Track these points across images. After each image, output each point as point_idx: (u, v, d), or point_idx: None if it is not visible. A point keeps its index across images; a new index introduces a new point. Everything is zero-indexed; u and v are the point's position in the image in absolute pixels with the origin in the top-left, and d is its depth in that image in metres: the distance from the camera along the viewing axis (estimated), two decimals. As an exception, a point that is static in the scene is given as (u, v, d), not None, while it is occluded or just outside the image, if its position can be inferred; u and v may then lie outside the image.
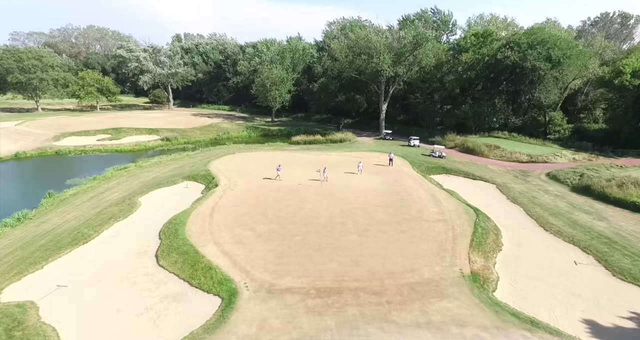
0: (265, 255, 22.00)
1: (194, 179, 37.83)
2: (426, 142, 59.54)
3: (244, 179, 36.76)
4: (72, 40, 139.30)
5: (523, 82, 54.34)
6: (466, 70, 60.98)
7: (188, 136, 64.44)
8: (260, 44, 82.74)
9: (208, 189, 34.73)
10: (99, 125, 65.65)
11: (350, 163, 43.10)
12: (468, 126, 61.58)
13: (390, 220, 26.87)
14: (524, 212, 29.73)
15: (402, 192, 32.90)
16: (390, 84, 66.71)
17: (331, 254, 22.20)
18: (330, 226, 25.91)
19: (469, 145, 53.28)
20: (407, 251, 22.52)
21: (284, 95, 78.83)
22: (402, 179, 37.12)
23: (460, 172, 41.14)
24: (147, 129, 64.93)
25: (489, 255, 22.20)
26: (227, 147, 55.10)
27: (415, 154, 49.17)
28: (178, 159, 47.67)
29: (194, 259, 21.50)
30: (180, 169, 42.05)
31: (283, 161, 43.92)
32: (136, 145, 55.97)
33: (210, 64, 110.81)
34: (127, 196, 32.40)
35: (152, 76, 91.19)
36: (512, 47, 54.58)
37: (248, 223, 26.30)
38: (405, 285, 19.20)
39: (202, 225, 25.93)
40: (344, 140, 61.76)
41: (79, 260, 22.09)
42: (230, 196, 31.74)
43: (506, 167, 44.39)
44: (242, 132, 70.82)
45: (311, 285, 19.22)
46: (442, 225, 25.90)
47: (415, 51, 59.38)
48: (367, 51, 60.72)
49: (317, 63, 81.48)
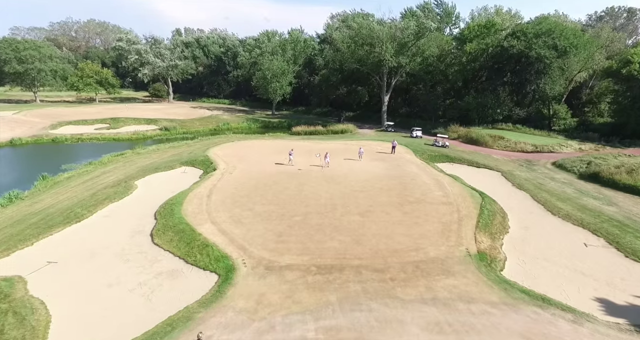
0: (264, 234, 21.24)
1: (192, 165, 37.05)
2: (429, 134, 58.54)
3: (243, 164, 35.98)
4: (72, 34, 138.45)
5: (528, 72, 53.43)
6: (470, 61, 60.11)
7: (187, 126, 63.62)
8: (262, 35, 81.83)
9: (206, 174, 33.93)
10: (96, 116, 64.85)
11: (351, 150, 42.31)
12: (471, 118, 60.70)
13: (393, 202, 26.09)
14: (531, 197, 28.90)
15: (404, 177, 32.10)
16: (393, 75, 65.83)
17: (332, 233, 21.44)
18: (332, 207, 25.14)
19: (472, 136, 52.40)
20: (412, 231, 21.74)
21: (285, 87, 77.92)
22: (405, 165, 36.33)
23: (464, 161, 40.33)
24: (146, 119, 64.12)
25: (495, 237, 21.39)
26: (226, 136, 54.29)
27: (417, 144, 48.36)
28: (176, 147, 46.85)
29: (190, 237, 20.73)
30: (179, 155, 41.27)
31: (283, 149, 43.21)
32: (134, 134, 55.17)
33: (210, 58, 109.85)
34: (123, 179, 31.61)
35: (151, 68, 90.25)
36: (518, 36, 53.70)
37: (247, 204, 25.53)
38: (410, 263, 18.41)
39: (199, 205, 25.16)
40: (346, 131, 60.87)
41: (70, 238, 21.31)
42: (229, 179, 30.97)
43: (511, 156, 43.55)
44: (242, 124, 69.98)
45: (311, 262, 18.45)
46: (446, 208, 25.10)
47: (418, 41, 58.51)
48: (369, 41, 59.83)
49: (319, 55, 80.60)
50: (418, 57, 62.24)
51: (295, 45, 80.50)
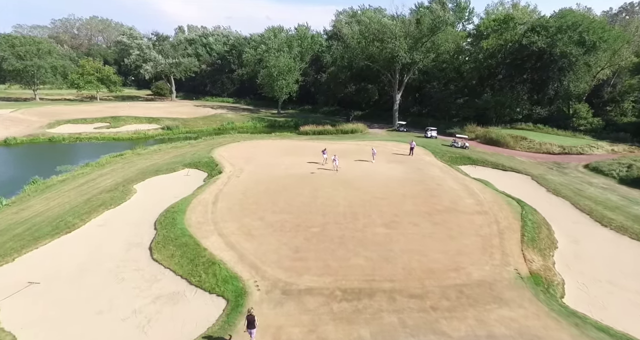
0: (278, 249, 18.54)
1: (195, 167, 34.43)
2: (443, 134, 55.71)
3: (250, 167, 33.30)
4: (74, 31, 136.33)
5: (551, 70, 50.30)
6: (487, 58, 57.06)
7: (190, 125, 61.06)
8: (268, 31, 79.11)
9: (211, 177, 31.30)
10: (97, 114, 62.42)
11: (364, 152, 39.57)
12: (488, 117, 57.71)
13: (420, 211, 23.30)
14: (571, 205, 26.01)
15: (428, 181, 29.28)
16: (405, 72, 62.94)
17: (356, 248, 18.70)
18: (352, 217, 22.39)
19: (492, 136, 49.43)
20: (447, 246, 18.95)
21: (291, 85, 75.13)
22: (427, 168, 33.50)
23: (487, 163, 37.44)
24: (148, 118, 61.58)
25: (545, 254, 18.55)
26: (231, 136, 51.67)
27: (435, 144, 45.46)
28: (179, 147, 44.27)
29: (194, 252, 18.07)
30: (181, 156, 38.67)
31: (293, 149, 40.53)
32: (135, 134, 52.64)
33: (214, 56, 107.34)
34: (121, 183, 29.01)
35: (154, 65, 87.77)
36: (538, 31, 50.59)
37: (257, 212, 22.83)
38: (451, 287, 15.64)
39: (204, 214, 22.48)
40: (356, 131, 58.07)
41: (58, 252, 18.70)
42: (235, 183, 28.29)
43: (536, 158, 40.61)
44: (247, 123, 67.35)
45: (335, 285, 15.74)
46: (482, 218, 22.27)
47: (433, 36, 55.57)
48: (381, 36, 56.96)
49: (326, 52, 77.71)
50: (432, 53, 59.34)
51: (302, 42, 77.66)
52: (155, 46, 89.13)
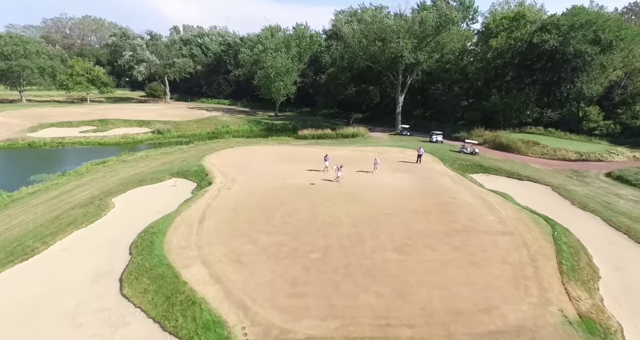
0: (272, 282, 15.57)
1: (184, 176, 31.39)
2: (449, 138, 53.06)
3: (243, 176, 30.31)
4: (66, 31, 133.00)
5: (564, 70, 47.63)
6: (495, 58, 54.37)
7: (183, 129, 57.99)
8: (265, 30, 76.23)
9: (200, 188, 28.29)
10: (84, 117, 59.30)
11: (368, 159, 36.62)
12: (496, 120, 55.04)
13: (436, 231, 20.36)
14: (603, 221, 23.15)
15: (441, 194, 26.37)
16: (408, 73, 60.19)
17: (365, 280, 15.76)
18: (358, 238, 19.45)
19: (501, 141, 46.71)
20: (472, 277, 16.03)
21: (289, 86, 72.33)
22: (437, 178, 30.59)
23: (501, 171, 34.58)
24: (138, 121, 58.51)
25: (590, 287, 15.65)
26: (225, 141, 48.67)
27: (442, 150, 42.63)
28: (168, 153, 41.25)
29: (172, 287, 15.07)
30: (170, 164, 35.65)
31: (290, 156, 37.59)
32: (122, 138, 49.50)
33: (210, 56, 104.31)
34: (99, 196, 25.97)
35: (147, 66, 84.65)
36: (549, 30, 47.93)
37: (248, 233, 19.85)
38: (485, 335, 12.70)
39: (187, 235, 19.47)
40: (357, 135, 55.23)
41: (7, 286, 15.65)
42: (226, 197, 25.28)
43: (552, 165, 37.83)
44: (242, 126, 64.39)
45: (342, 332, 12.80)
46: (508, 240, 19.36)
47: (438, 35, 52.85)
48: (383, 36, 54.23)
49: (326, 52, 74.91)
50: (436, 53, 56.65)
51: (300, 42, 74.82)
52: (149, 46, 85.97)
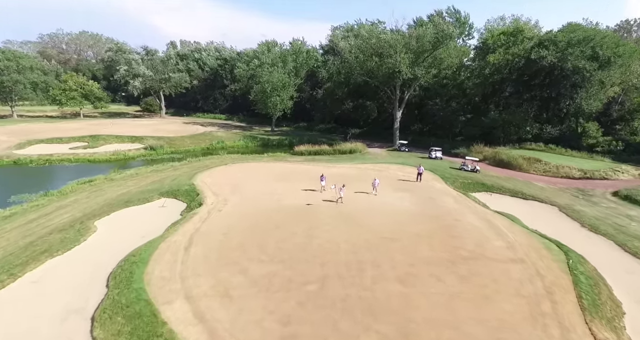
0: (262, 320, 13.98)
1: (173, 196, 29.90)
2: (448, 154, 52.12)
3: (236, 197, 28.84)
4: (62, 46, 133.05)
5: (563, 86, 47.22)
6: (493, 74, 54.12)
7: (176, 145, 56.68)
8: (261, 45, 76.18)
9: (190, 209, 26.78)
10: (75, 132, 57.97)
11: (367, 177, 35.36)
12: (495, 136, 54.31)
13: (441, 259, 18.90)
14: (617, 246, 21.80)
15: (445, 216, 24.99)
16: (406, 89, 59.78)
17: (365, 318, 14.20)
18: (357, 267, 17.95)
19: (502, 158, 45.75)
20: (483, 313, 14.51)
21: (286, 101, 71.73)
22: (439, 198, 29.26)
23: (504, 190, 33.35)
24: (130, 137, 57.19)
25: (616, 326, 14.15)
26: (219, 158, 47.34)
27: (442, 167, 41.50)
28: (160, 171, 39.78)
29: (149, 329, 13.43)
30: (160, 182, 34.14)
31: (285, 174, 36.25)
32: (113, 155, 48.00)
33: (206, 71, 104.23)
34: (80, 219, 24.36)
35: (142, 80, 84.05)
36: (548, 46, 47.79)
37: (239, 261, 18.29)
38: (504, 388, 11.10)
39: (171, 265, 17.87)
40: (354, 151, 54.17)
41: (-37, 328, 13.91)
42: (216, 220, 23.75)
43: (556, 184, 36.71)
44: (238, 142, 63.24)
45: (341, 386, 11.15)
46: (520, 269, 17.91)
47: (435, 51, 52.65)
48: (380, 51, 54.01)
49: (322, 67, 74.74)
50: (434, 69, 56.39)
51: (297, 57, 74.72)
52: (144, 61, 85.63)
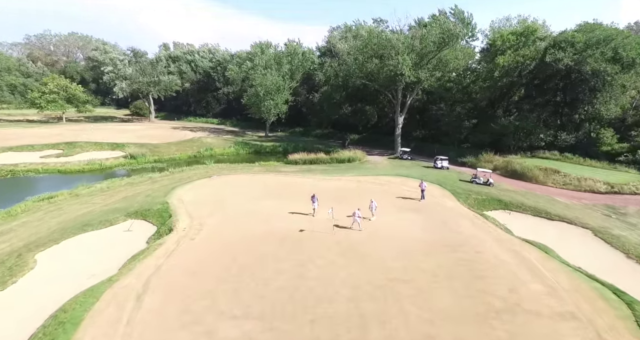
0: None
1: (143, 216, 25.59)
2: (455, 163, 48.01)
3: (215, 219, 24.53)
4: (50, 47, 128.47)
5: (582, 91, 43.26)
6: (502, 77, 50.25)
7: (160, 153, 52.31)
8: (255, 46, 72.05)
9: (158, 236, 22.47)
10: (52, 139, 53.55)
11: (367, 191, 31.24)
12: (504, 144, 50.30)
13: (467, 312, 14.64)
14: (680, 287, 17.60)
15: (463, 247, 20.73)
16: (408, 92, 55.80)
17: None
18: (359, 324, 13.71)
19: (515, 168, 41.66)
20: None
21: (280, 105, 67.58)
22: (453, 221, 25.02)
23: (525, 208, 29.17)
24: (110, 144, 52.79)
25: None
26: (205, 168, 43.05)
27: (452, 180, 37.34)
28: (135, 184, 35.45)
29: None
30: (131, 199, 29.80)
31: (277, 189, 31.95)
32: (88, 164, 43.50)
33: (199, 73, 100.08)
34: (19, 250, 19.98)
35: (129, 83, 79.69)
36: (563, 47, 43.94)
37: (205, 318, 13.99)
38: None
39: (112, 326, 13.54)
40: (353, 160, 50.06)
41: None
42: (186, 253, 19.42)
43: (580, 199, 32.60)
44: (228, 149, 58.96)
45: None
46: (573, 329, 13.64)
47: (441, 52, 48.73)
48: (381, 52, 50.08)
49: (319, 70, 70.68)
50: (438, 71, 52.46)
51: (293, 59, 70.61)
52: (132, 63, 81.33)
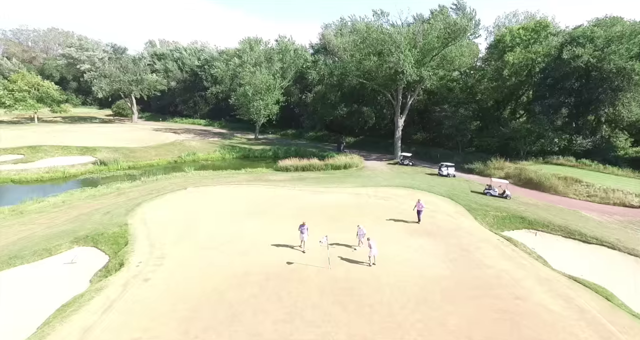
0: None
1: (94, 243, 20.70)
2: (461, 170, 43.82)
3: (182, 247, 19.71)
4: (28, 43, 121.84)
5: (603, 90, 39.21)
6: (511, 76, 46.14)
7: (136, 158, 47.21)
8: (243, 42, 67.05)
9: (106, 272, 17.62)
10: (14, 142, 48.06)
11: (372, 208, 26.74)
12: (514, 149, 46.23)
13: None
14: None
15: (497, 290, 16.17)
16: (409, 92, 51.49)
17: None
18: None
19: (529, 177, 37.53)
20: None
21: (271, 106, 62.84)
22: (476, 249, 20.48)
23: (553, 227, 24.80)
24: (80, 148, 47.53)
25: None
26: (183, 176, 38.17)
27: (463, 192, 32.93)
28: (97, 197, 30.48)
29: None
30: (85, 218, 24.85)
31: (264, 203, 27.15)
32: (48, 172, 38.27)
33: (186, 71, 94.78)
34: None
35: (109, 82, 74.14)
36: (582, 43, 39.91)
37: None
38: None
39: None
40: (350, 166, 45.51)
41: None
42: (132, 304, 14.56)
43: (612, 214, 28.45)
44: (213, 153, 53.99)
45: None
46: None
47: (445, 48, 44.43)
48: (380, 48, 45.65)
49: (312, 68, 66.01)
50: (442, 69, 48.20)
51: (284, 56, 65.87)
52: (112, 60, 75.81)
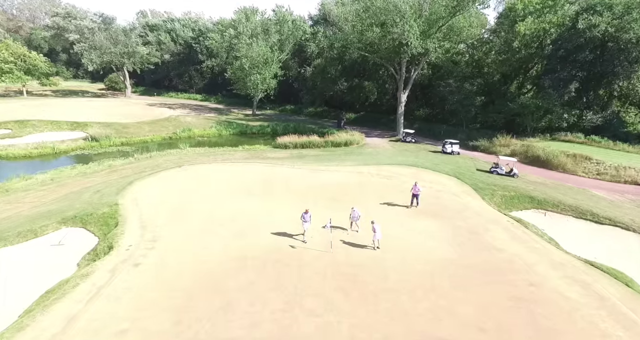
0: None
1: (83, 223, 19.58)
2: (465, 147, 42.64)
3: (175, 229, 18.65)
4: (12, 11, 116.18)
5: (620, 63, 37.20)
6: (521, 48, 43.75)
7: (130, 134, 45.54)
8: (238, 12, 63.33)
9: (94, 256, 16.63)
10: (1, 116, 46.09)
11: (375, 187, 25.65)
12: (520, 125, 44.72)
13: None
14: None
15: (508, 275, 15.26)
16: (412, 66, 49.14)
17: None
18: None
19: (537, 154, 36.37)
20: None
21: (268, 80, 60.36)
22: (484, 230, 19.51)
23: (563, 207, 23.79)
24: (70, 123, 45.69)
25: None
26: (178, 153, 36.79)
27: (468, 170, 31.75)
28: (88, 174, 29.23)
29: None
30: (75, 196, 23.68)
31: (262, 183, 25.91)
32: (37, 148, 36.74)
33: (179, 44, 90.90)
34: None
35: (99, 54, 70.82)
36: (600, 11, 37.44)
37: None
38: None
39: None
40: (350, 143, 44.14)
41: None
42: (120, 291, 13.60)
43: (623, 193, 27.52)
44: (209, 129, 52.27)
45: None
46: None
47: (454, 17, 41.76)
48: (384, 18, 42.90)
49: (312, 40, 62.93)
50: (447, 41, 45.63)
51: (282, 27, 62.56)
52: (101, 30, 72.06)
